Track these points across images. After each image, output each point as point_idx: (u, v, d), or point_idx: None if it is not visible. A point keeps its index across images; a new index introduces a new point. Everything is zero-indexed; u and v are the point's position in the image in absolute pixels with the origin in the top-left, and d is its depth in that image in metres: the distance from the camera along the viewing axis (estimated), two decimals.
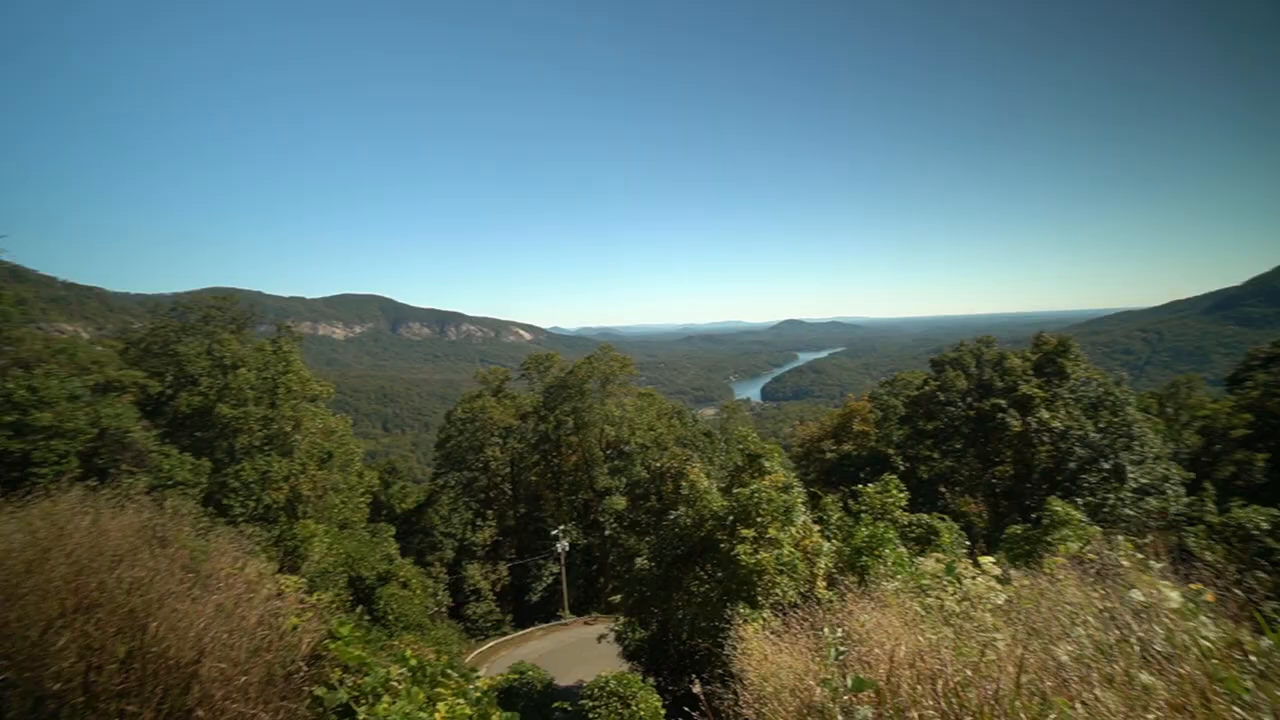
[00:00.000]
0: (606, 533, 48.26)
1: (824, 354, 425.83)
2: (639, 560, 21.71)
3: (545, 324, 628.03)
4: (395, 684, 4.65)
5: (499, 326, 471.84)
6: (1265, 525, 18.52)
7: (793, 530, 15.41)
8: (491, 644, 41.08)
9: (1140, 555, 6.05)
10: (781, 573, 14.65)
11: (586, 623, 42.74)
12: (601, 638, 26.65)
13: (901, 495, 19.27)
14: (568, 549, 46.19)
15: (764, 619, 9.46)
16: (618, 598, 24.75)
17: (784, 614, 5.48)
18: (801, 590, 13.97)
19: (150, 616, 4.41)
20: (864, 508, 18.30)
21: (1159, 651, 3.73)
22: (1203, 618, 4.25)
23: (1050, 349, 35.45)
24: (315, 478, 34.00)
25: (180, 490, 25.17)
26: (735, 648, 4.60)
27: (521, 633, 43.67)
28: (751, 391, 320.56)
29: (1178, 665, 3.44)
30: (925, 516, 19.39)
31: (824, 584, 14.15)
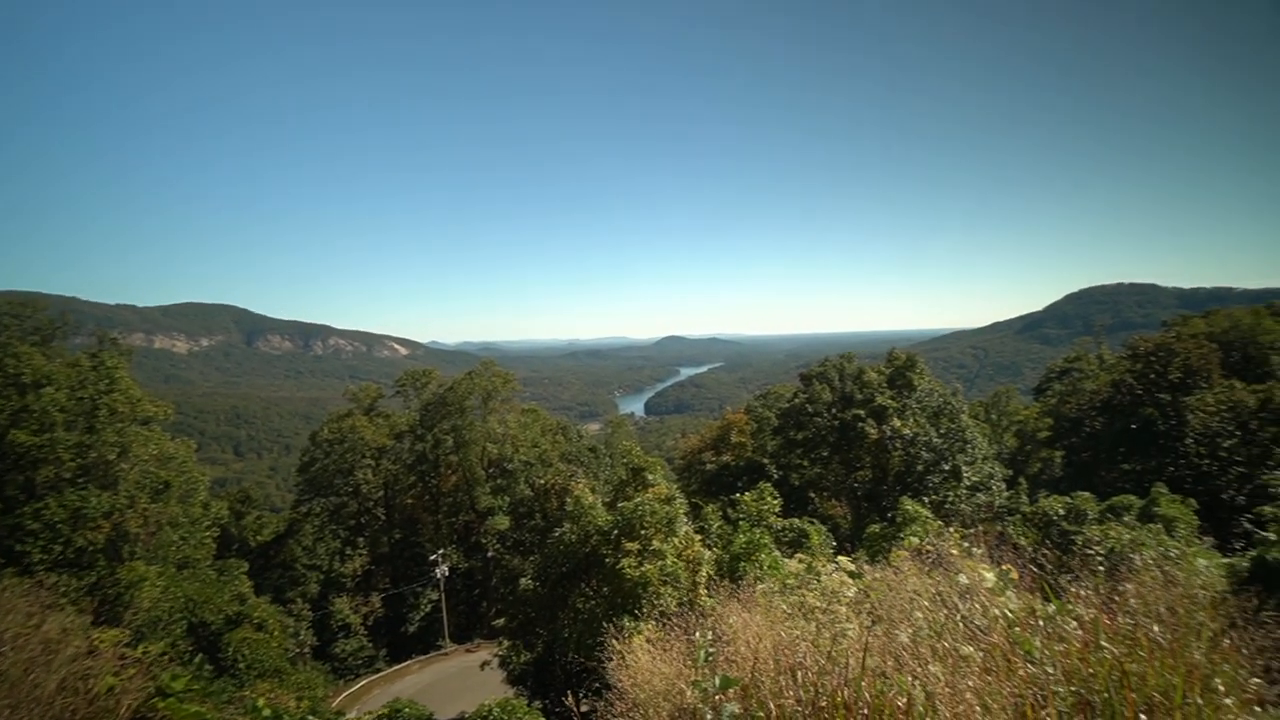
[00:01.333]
0: (489, 554, 46.63)
1: (704, 369, 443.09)
2: (523, 580, 21.23)
3: (423, 338, 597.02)
4: None
5: (371, 340, 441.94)
6: (1061, 511, 21.93)
7: (675, 541, 15.86)
8: (363, 682, 38.14)
9: (966, 544, 6.98)
10: (665, 583, 15.00)
11: (469, 650, 40.99)
12: (485, 664, 25.70)
13: (775, 502, 20.56)
14: (448, 574, 44.01)
15: (648, 630, 9.64)
16: (501, 621, 24.00)
17: (667, 623, 5.65)
18: (684, 599, 14.40)
19: None
20: (742, 515, 19.27)
21: (977, 625, 4.35)
22: (1009, 592, 5.01)
23: (901, 364, 39.59)
24: (147, 512, 29.57)
25: None
26: (613, 659, 4.68)
27: (397, 667, 40.96)
28: (635, 406, 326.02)
29: (990, 635, 4.03)
30: (797, 521, 20.83)
31: (705, 591, 14.68)
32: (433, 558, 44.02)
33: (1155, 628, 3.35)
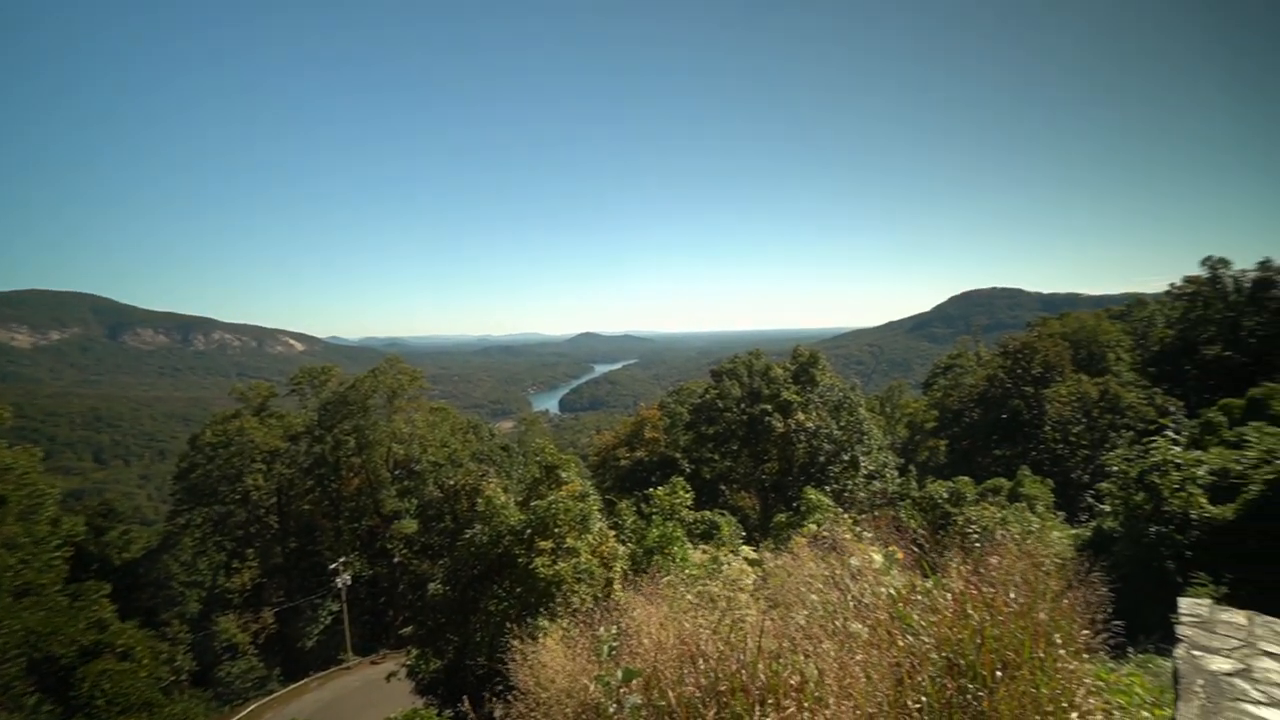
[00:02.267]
0: (396, 560, 44.60)
1: (618, 365, 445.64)
2: (432, 585, 20.47)
3: (322, 333, 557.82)
4: None
5: (263, 335, 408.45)
6: (945, 494, 24.01)
7: (589, 538, 15.88)
8: (252, 706, 35.31)
9: (858, 529, 7.49)
10: (580, 580, 14.98)
11: (374, 662, 39.01)
12: (391, 675, 24.51)
13: (688, 495, 21.05)
14: (350, 582, 41.60)
15: (563, 628, 9.60)
16: (409, 629, 23.04)
17: (580, 621, 5.66)
18: (599, 595, 14.45)
19: None
20: (655, 510, 19.57)
21: (865, 603, 4.67)
22: (894, 571, 5.42)
23: (804, 361, 41.77)
24: None
25: None
26: (516, 660, 4.62)
27: (293, 686, 38.25)
28: (550, 403, 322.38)
29: (876, 612, 4.35)
30: (708, 513, 21.46)
31: (619, 587, 14.81)
32: (333, 566, 41.49)
33: (1011, 594, 3.75)
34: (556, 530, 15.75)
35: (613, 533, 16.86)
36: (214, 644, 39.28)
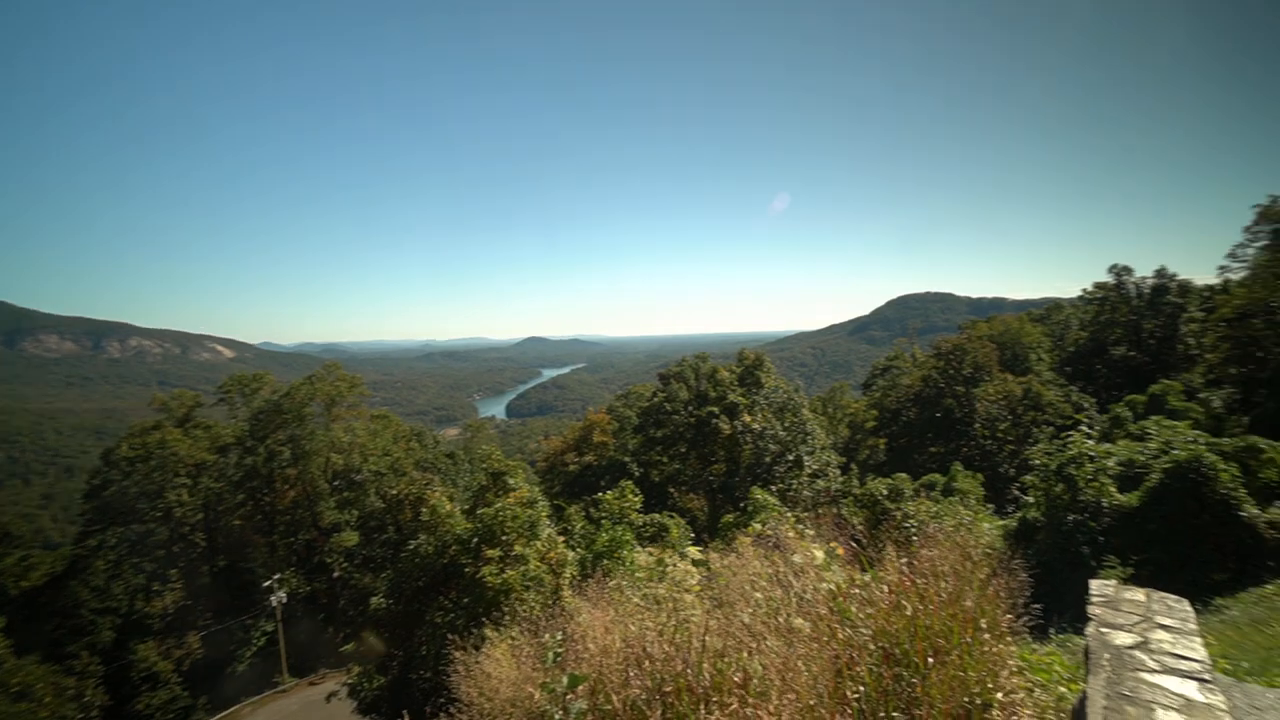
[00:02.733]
0: (335, 574, 42.81)
1: (566, 370, 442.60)
2: (374, 599, 19.75)
3: (253, 339, 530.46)
4: None
5: (187, 341, 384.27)
6: (885, 492, 24.94)
7: (538, 544, 15.69)
8: None
9: (800, 526, 7.70)
10: (529, 588, 14.78)
11: (313, 682, 37.37)
12: (332, 695, 23.55)
13: (637, 499, 21.05)
14: (285, 600, 39.58)
15: (511, 638, 9.43)
16: (351, 646, 22.17)
17: (528, 629, 5.58)
18: (548, 602, 14.29)
19: None
20: (604, 514, 19.49)
21: (807, 598, 4.81)
22: (834, 567, 5.60)
23: (750, 363, 42.59)
24: None
25: None
26: (460, 672, 4.52)
27: (223, 714, 36.15)
28: (497, 409, 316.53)
29: (817, 607, 4.48)
30: (657, 516, 21.52)
31: (569, 593, 14.68)
32: (267, 584, 39.42)
33: (942, 584, 3.94)
34: (504, 538, 15.50)
35: (561, 539, 16.72)
36: (132, 674, 36.57)
